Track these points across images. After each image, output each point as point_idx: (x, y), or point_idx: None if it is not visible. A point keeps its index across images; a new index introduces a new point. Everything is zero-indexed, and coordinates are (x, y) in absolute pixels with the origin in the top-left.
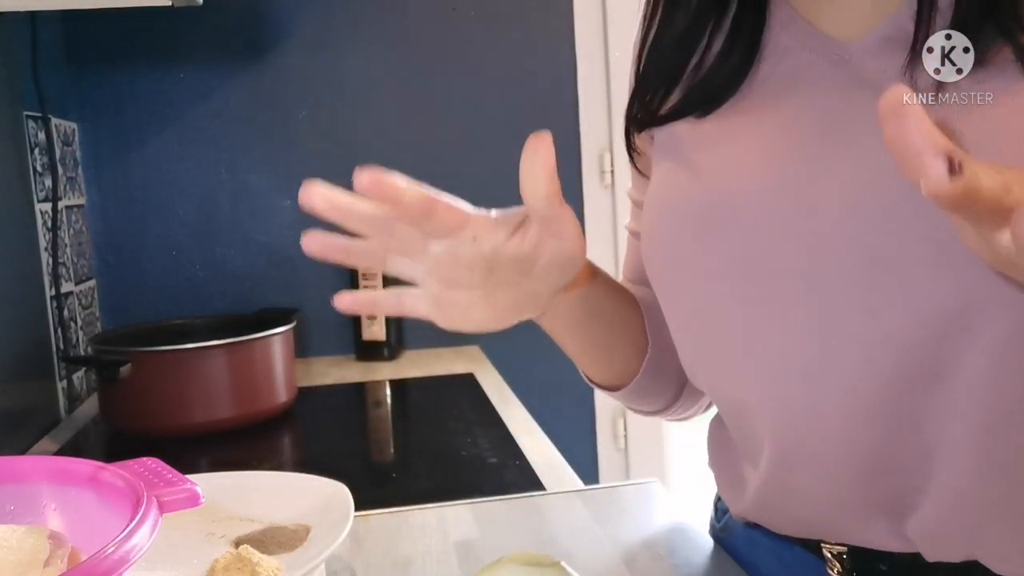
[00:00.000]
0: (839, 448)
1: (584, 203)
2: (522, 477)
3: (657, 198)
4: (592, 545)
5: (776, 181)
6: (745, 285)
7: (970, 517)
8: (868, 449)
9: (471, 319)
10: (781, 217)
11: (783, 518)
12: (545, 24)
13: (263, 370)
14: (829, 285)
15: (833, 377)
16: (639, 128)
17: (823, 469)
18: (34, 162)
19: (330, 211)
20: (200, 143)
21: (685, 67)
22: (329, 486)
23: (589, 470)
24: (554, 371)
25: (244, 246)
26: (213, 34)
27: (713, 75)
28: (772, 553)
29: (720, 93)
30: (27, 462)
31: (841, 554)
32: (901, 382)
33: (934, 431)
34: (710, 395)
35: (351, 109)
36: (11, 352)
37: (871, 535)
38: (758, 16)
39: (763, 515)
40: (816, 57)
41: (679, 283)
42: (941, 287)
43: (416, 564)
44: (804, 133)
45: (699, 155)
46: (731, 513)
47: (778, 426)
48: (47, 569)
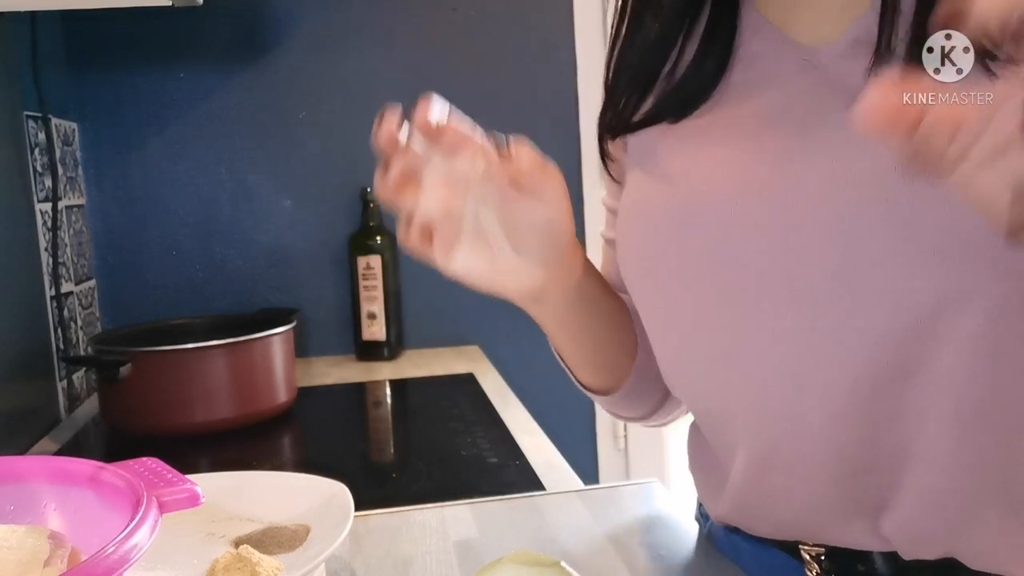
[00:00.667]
0: (817, 448)
1: (584, 203)
2: (522, 477)
3: (631, 203)
4: (592, 545)
5: (749, 183)
6: (719, 287)
7: (946, 514)
8: (845, 448)
9: (461, 257)
10: (754, 219)
11: (762, 521)
12: (545, 24)
13: (263, 370)
14: (803, 285)
15: (810, 376)
16: (612, 135)
17: (801, 469)
18: (34, 162)
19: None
20: (200, 143)
21: (658, 73)
22: (329, 486)
23: (589, 470)
24: (554, 371)
25: (244, 246)
26: (213, 34)
27: (687, 81)
28: (753, 558)
29: (694, 99)
30: (27, 462)
31: (819, 555)
32: (876, 379)
33: (909, 428)
34: (686, 400)
35: (351, 109)
36: (11, 352)
37: (849, 535)
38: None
39: (742, 518)
40: (787, 62)
41: (654, 287)
42: (914, 285)
43: (416, 564)
44: (776, 136)
45: (672, 160)
46: (711, 518)
47: (755, 428)
48: (47, 569)
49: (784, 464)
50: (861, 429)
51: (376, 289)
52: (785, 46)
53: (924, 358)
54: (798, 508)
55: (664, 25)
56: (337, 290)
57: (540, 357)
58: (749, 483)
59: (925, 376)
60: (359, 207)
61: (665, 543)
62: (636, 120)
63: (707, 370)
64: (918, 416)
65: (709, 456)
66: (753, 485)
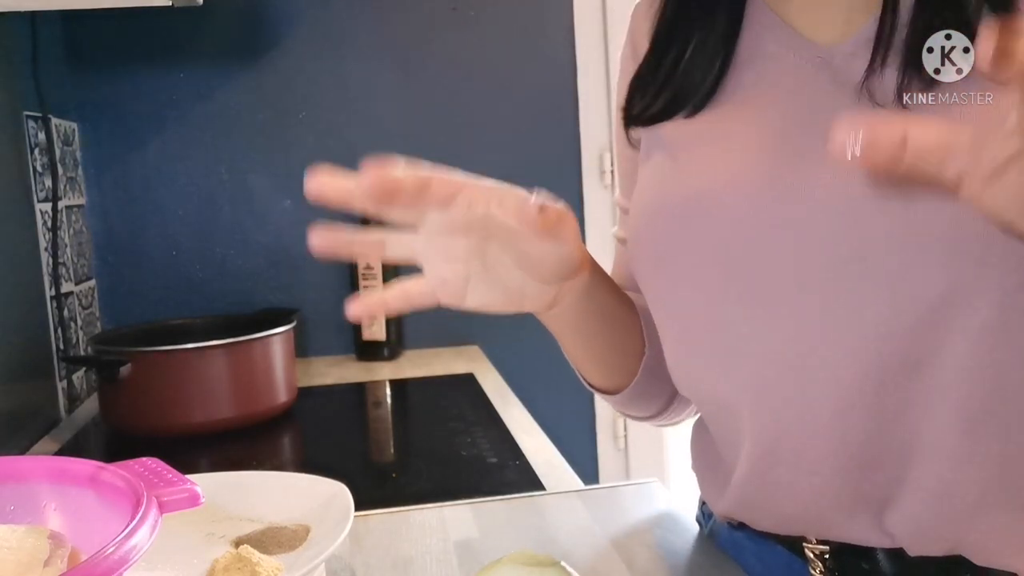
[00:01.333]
0: (823, 441)
1: (584, 203)
2: (522, 477)
3: (643, 197)
4: (592, 545)
5: (759, 176)
6: (728, 279)
7: (952, 510)
8: (852, 441)
9: (474, 296)
10: (763, 212)
11: (766, 515)
12: (545, 24)
13: (263, 370)
14: (812, 277)
15: (818, 369)
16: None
17: (806, 463)
18: (34, 162)
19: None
20: (200, 143)
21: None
22: (329, 486)
23: (589, 470)
24: (554, 371)
25: (244, 246)
26: (213, 34)
27: (701, 77)
28: (756, 556)
29: (706, 94)
30: (27, 462)
31: (823, 554)
32: (884, 372)
33: (916, 422)
34: (693, 395)
35: (351, 109)
36: (11, 352)
37: (854, 530)
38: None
39: (746, 512)
40: (800, 60)
41: (665, 281)
42: (922, 278)
43: (416, 564)
44: (787, 131)
45: (685, 154)
46: (715, 515)
47: (762, 420)
48: (47, 569)
49: (790, 457)
50: (868, 422)
51: (376, 289)
52: (798, 45)
53: (932, 351)
54: (802, 502)
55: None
56: (337, 290)
57: (540, 357)
58: (754, 476)
59: (932, 369)
60: None
61: (665, 543)
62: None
63: (717, 363)
64: (925, 410)
65: (713, 454)
66: (758, 478)
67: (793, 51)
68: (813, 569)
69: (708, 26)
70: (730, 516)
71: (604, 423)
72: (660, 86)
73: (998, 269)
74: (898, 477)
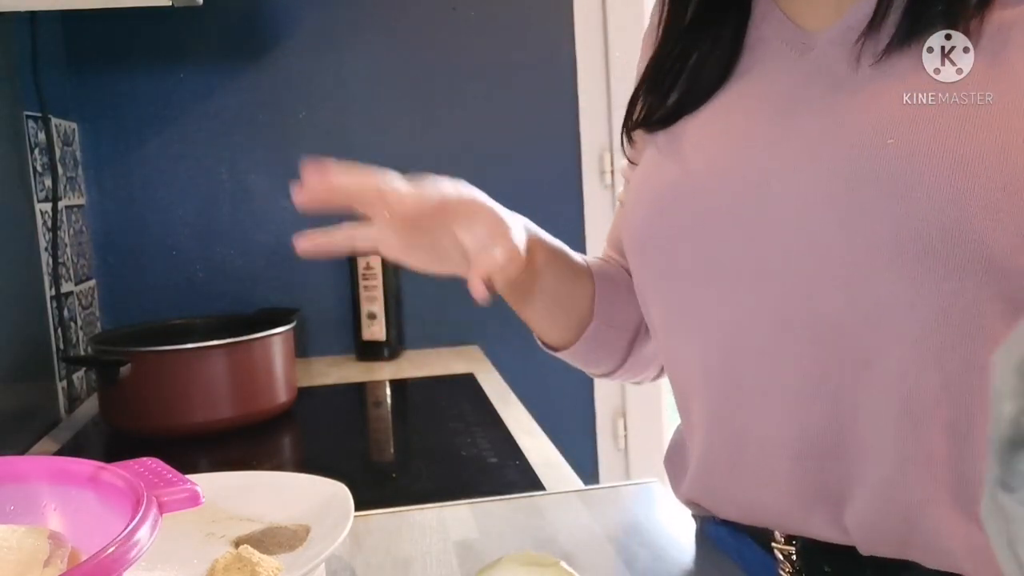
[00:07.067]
0: (780, 428)
1: (584, 203)
2: (522, 477)
3: (638, 179)
4: (592, 545)
5: (731, 166)
6: (695, 264)
7: (898, 508)
8: (808, 429)
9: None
10: (730, 197)
11: (726, 501)
12: (545, 24)
13: (263, 370)
14: (771, 266)
15: (778, 353)
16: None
17: (764, 448)
18: (34, 162)
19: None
20: (200, 143)
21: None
22: (329, 486)
23: (589, 470)
24: (554, 371)
25: (244, 246)
26: (213, 34)
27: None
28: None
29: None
30: (27, 462)
31: (791, 554)
32: (840, 364)
33: (866, 418)
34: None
35: (351, 109)
36: (11, 352)
37: (814, 525)
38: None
39: (705, 496)
40: (786, 46)
41: (646, 265)
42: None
43: (416, 564)
44: (763, 118)
45: (678, 141)
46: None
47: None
48: (47, 569)
49: (747, 442)
50: (823, 413)
51: (376, 289)
52: (787, 31)
53: (878, 350)
54: (760, 489)
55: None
56: (337, 290)
57: (540, 357)
58: (710, 458)
59: (878, 367)
60: None
61: (665, 543)
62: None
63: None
64: (873, 406)
65: (679, 442)
66: (715, 462)
67: (780, 37)
68: (782, 570)
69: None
70: (689, 498)
71: (604, 423)
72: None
73: (940, 275)
74: (852, 473)
